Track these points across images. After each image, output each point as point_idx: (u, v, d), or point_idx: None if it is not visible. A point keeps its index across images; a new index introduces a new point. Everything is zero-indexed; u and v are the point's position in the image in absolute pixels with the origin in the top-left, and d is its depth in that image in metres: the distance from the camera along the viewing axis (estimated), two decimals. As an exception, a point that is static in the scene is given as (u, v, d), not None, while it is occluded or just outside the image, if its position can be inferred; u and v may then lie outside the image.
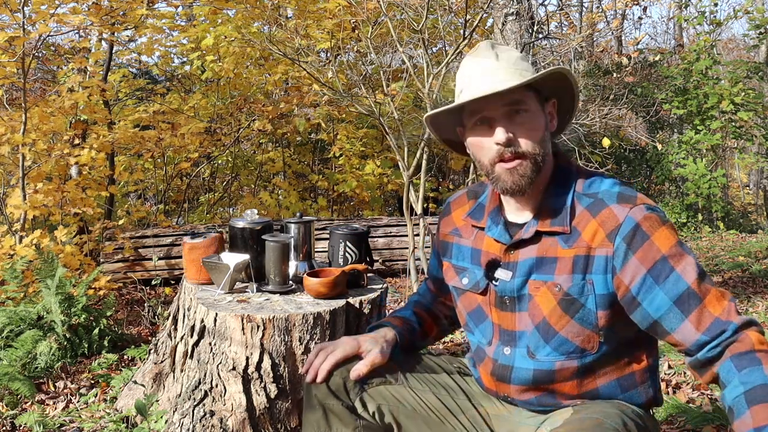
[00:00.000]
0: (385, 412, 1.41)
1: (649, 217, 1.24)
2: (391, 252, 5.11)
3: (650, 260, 1.22)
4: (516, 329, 1.36)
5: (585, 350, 1.30)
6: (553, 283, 1.30)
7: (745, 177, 13.67)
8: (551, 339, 1.31)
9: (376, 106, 3.47)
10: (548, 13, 5.30)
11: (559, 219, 1.31)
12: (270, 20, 5.06)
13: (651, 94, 8.54)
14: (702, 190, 8.14)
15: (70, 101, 4.63)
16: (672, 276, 1.21)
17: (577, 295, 1.28)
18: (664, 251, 1.22)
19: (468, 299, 1.46)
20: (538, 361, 1.33)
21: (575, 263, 1.28)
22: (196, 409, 1.90)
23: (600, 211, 1.27)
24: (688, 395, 2.55)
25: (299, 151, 7.61)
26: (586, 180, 1.34)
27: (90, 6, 4.42)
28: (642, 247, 1.22)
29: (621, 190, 1.30)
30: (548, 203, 1.33)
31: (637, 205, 1.25)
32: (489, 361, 1.41)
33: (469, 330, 1.48)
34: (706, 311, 1.19)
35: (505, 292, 1.36)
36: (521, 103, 1.29)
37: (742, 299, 4.32)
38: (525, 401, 1.38)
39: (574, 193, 1.32)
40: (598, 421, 1.23)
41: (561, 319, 1.30)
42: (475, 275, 1.43)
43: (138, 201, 6.94)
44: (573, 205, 1.31)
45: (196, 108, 6.25)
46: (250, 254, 2.12)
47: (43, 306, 2.92)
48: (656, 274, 1.21)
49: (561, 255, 1.30)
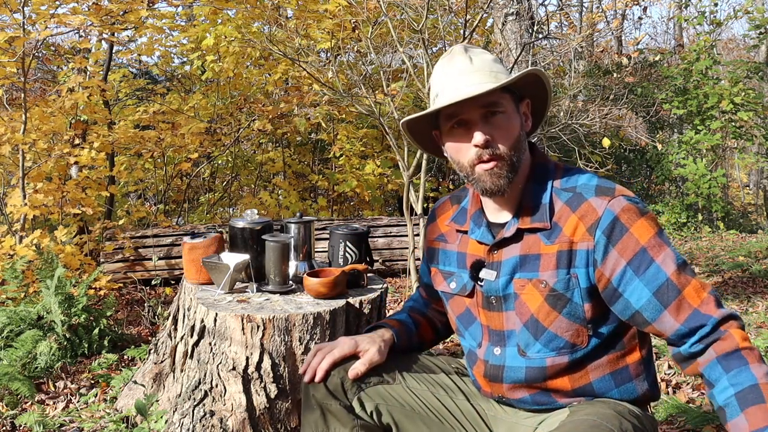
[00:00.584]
0: (382, 412, 1.41)
1: (628, 209, 1.25)
2: (391, 252, 5.11)
3: (630, 252, 1.24)
4: (504, 329, 1.37)
5: (575, 345, 1.31)
6: (539, 280, 1.31)
7: (745, 177, 13.67)
8: (540, 335, 1.32)
9: (376, 106, 3.47)
10: (548, 13, 5.30)
11: (539, 215, 1.32)
12: (270, 20, 5.07)
13: (651, 94, 8.54)
14: (702, 190, 8.14)
15: (70, 101, 4.63)
16: (652, 267, 1.23)
17: (563, 290, 1.29)
18: (643, 243, 1.24)
19: (456, 303, 1.47)
20: (530, 358, 1.34)
21: (559, 258, 1.29)
22: (196, 409, 1.90)
23: (579, 205, 1.29)
24: (688, 395, 2.55)
25: (299, 151, 7.61)
26: (563, 175, 1.36)
27: (90, 6, 4.42)
28: (621, 240, 1.24)
29: (599, 183, 1.31)
30: (527, 201, 1.34)
31: (616, 197, 1.27)
32: (481, 363, 1.42)
33: (460, 334, 1.49)
34: (685, 302, 1.21)
35: (490, 292, 1.37)
36: (497, 105, 1.31)
37: (742, 299, 4.32)
38: (519, 400, 1.38)
39: (552, 189, 1.34)
40: (594, 423, 1.23)
41: (549, 315, 1.31)
42: (462, 279, 1.44)
43: (138, 201, 6.94)
44: (552, 201, 1.33)
45: (196, 108, 6.24)
46: (250, 254, 2.12)
47: (43, 306, 2.92)
48: (636, 265, 1.23)
49: (544, 251, 1.31)
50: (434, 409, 1.43)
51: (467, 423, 1.44)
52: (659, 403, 2.45)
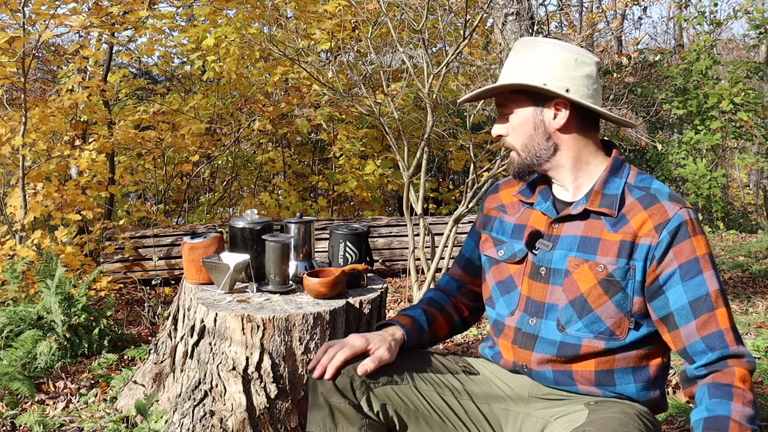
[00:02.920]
0: (389, 412, 1.41)
1: (694, 221, 1.33)
2: (391, 252, 5.10)
3: (684, 257, 1.30)
4: (546, 301, 1.41)
5: (614, 334, 1.35)
6: (596, 262, 1.36)
7: (745, 177, 13.67)
8: (585, 315, 1.36)
9: (376, 106, 3.47)
10: (548, 13, 5.30)
11: (608, 202, 1.38)
12: (270, 20, 5.06)
13: (651, 94, 8.54)
14: (702, 190, 8.14)
15: (69, 101, 4.63)
16: (697, 278, 1.29)
17: (620, 278, 1.34)
18: (699, 254, 1.30)
19: (500, 270, 1.51)
20: (567, 334, 1.37)
21: (621, 247, 1.34)
22: (196, 409, 1.90)
23: (652, 204, 1.35)
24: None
25: (299, 151, 7.61)
26: (638, 176, 1.42)
27: (91, 6, 4.41)
28: (681, 244, 1.31)
29: (672, 191, 1.39)
30: (600, 187, 1.40)
31: (687, 208, 1.34)
32: (511, 330, 1.45)
33: (491, 303, 1.52)
34: (714, 320, 1.27)
35: (542, 262, 1.42)
36: (504, 107, 1.44)
37: (742, 299, 4.32)
38: (541, 374, 1.41)
39: (626, 184, 1.40)
40: (623, 421, 1.27)
41: (599, 298, 1.35)
42: (512, 247, 1.49)
43: (138, 201, 6.94)
44: (624, 194, 1.39)
45: (196, 108, 6.24)
46: (250, 254, 2.12)
47: (43, 306, 2.92)
48: (685, 271, 1.30)
49: (606, 237, 1.36)
50: (439, 410, 1.44)
51: (471, 425, 1.45)
52: (659, 403, 2.45)
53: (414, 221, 3.56)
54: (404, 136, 3.49)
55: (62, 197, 4.23)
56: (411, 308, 1.63)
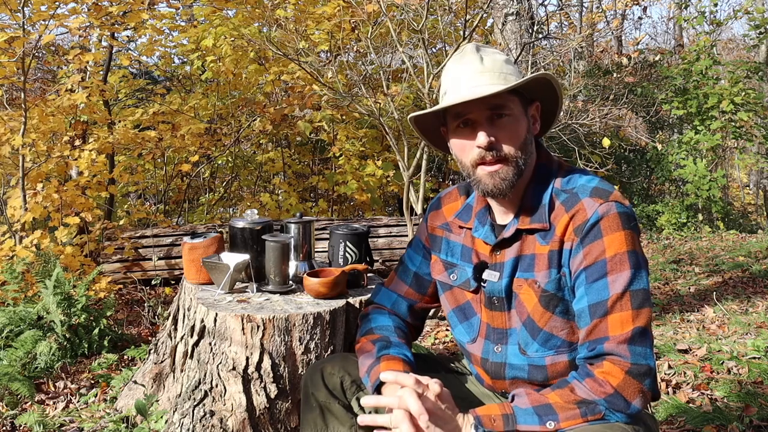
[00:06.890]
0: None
1: (613, 217, 1.25)
2: (391, 252, 5.10)
3: (591, 259, 1.25)
4: (507, 327, 1.38)
5: (572, 343, 1.32)
6: (533, 280, 1.32)
7: (745, 177, 13.68)
8: (537, 335, 1.33)
9: (375, 106, 3.47)
10: (548, 13, 5.30)
11: (538, 216, 1.33)
12: (269, 21, 5.06)
13: (651, 94, 8.54)
14: (702, 190, 8.14)
15: (69, 101, 4.63)
16: (600, 282, 1.24)
17: (554, 291, 1.30)
18: (607, 255, 1.24)
19: (455, 295, 1.47)
20: (530, 357, 1.35)
21: (550, 258, 1.30)
22: (196, 409, 1.90)
23: (573, 204, 1.29)
24: (688, 395, 2.55)
25: (299, 152, 7.61)
26: (565, 176, 1.36)
27: (90, 6, 4.41)
28: (591, 244, 1.26)
29: (597, 184, 1.31)
30: (528, 202, 1.35)
31: (609, 202, 1.27)
32: (477, 359, 1.43)
33: (452, 326, 1.49)
34: (603, 327, 1.22)
35: (493, 293, 1.38)
36: (503, 108, 1.31)
37: (742, 299, 4.32)
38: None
39: (553, 190, 1.34)
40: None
41: (543, 316, 1.32)
42: (465, 273, 1.44)
43: (138, 201, 6.94)
44: (552, 201, 1.33)
45: (196, 108, 6.24)
46: (250, 254, 2.12)
47: (42, 306, 2.92)
48: (589, 273, 1.25)
49: (539, 252, 1.32)
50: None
51: None
52: (659, 403, 2.45)
53: (414, 221, 3.56)
54: (404, 137, 3.49)
55: (62, 199, 4.23)
56: (394, 348, 1.44)
